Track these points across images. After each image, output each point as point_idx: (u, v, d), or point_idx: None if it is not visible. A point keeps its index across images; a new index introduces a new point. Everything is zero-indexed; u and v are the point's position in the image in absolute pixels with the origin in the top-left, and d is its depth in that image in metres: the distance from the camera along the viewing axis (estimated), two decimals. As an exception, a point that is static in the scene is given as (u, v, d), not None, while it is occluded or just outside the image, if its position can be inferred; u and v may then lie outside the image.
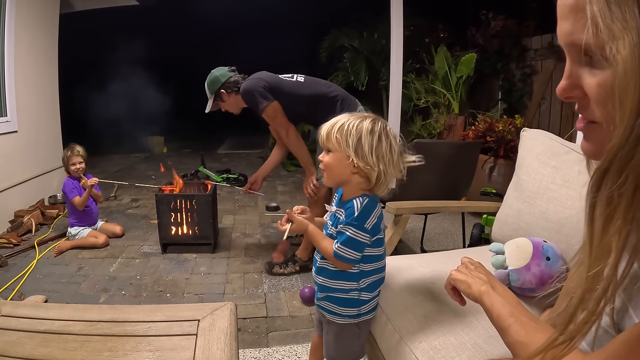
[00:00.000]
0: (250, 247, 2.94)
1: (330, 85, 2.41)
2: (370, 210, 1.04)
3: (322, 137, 1.06)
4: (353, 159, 1.01)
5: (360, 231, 1.02)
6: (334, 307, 1.14)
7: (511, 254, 1.24)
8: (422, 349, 1.02)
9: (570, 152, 1.35)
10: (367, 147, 1.00)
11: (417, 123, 5.29)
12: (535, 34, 4.30)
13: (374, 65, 6.00)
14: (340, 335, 1.17)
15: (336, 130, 1.03)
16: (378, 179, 1.03)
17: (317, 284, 1.17)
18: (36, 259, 2.62)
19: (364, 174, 1.03)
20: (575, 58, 0.43)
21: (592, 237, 0.43)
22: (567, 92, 0.45)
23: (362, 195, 1.05)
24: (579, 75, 0.43)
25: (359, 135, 1.00)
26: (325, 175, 1.08)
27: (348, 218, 1.03)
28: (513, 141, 3.36)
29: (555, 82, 4.05)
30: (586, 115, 0.45)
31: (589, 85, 0.42)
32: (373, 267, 1.11)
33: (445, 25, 5.67)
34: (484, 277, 0.82)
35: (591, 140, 0.46)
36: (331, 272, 1.11)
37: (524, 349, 0.66)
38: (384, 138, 1.01)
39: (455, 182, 2.62)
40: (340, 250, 1.03)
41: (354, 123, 1.02)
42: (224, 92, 2.37)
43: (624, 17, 0.36)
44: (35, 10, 3.70)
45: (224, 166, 5.64)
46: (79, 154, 2.89)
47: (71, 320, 0.85)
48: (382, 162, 1.01)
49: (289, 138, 2.35)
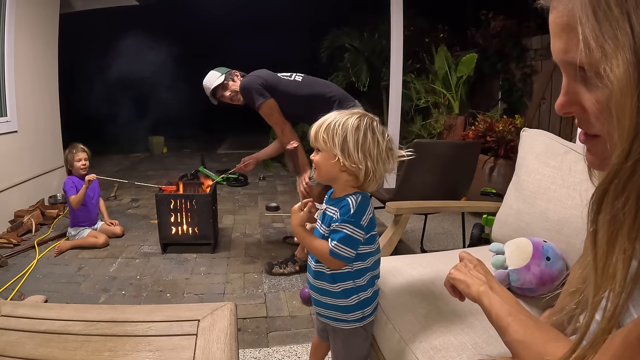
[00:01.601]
0: (250, 247, 2.94)
1: (328, 85, 2.41)
2: (364, 207, 1.05)
3: (311, 137, 1.06)
4: (339, 157, 1.01)
5: (357, 228, 1.03)
6: (337, 314, 1.12)
7: (511, 254, 1.24)
8: (422, 349, 1.02)
9: (570, 152, 1.35)
10: (353, 145, 1.00)
11: (417, 123, 5.29)
12: (536, 34, 4.30)
13: (375, 66, 6.00)
14: (349, 341, 1.16)
15: (323, 130, 1.03)
16: (366, 176, 1.03)
17: (316, 289, 1.14)
18: (36, 259, 2.62)
19: (352, 172, 1.03)
20: (571, 75, 0.43)
21: (596, 259, 0.42)
22: (565, 108, 0.44)
23: (355, 193, 1.05)
24: (576, 91, 0.43)
25: (344, 134, 1.00)
26: (316, 173, 1.09)
27: (344, 216, 1.03)
28: (513, 141, 3.36)
29: (555, 82, 4.05)
30: (587, 129, 0.44)
31: (587, 101, 0.41)
32: (368, 264, 1.10)
33: (445, 25, 5.67)
34: (482, 277, 0.82)
35: (595, 153, 0.45)
36: (329, 275, 1.10)
37: (523, 347, 0.66)
38: (369, 134, 1.01)
39: (455, 182, 2.62)
40: (336, 248, 1.02)
41: (339, 121, 1.02)
42: (230, 80, 2.41)
43: (615, 35, 0.35)
44: (35, 10, 3.70)
45: (224, 166, 5.64)
46: (83, 150, 2.89)
47: (71, 320, 0.85)
48: (369, 160, 1.01)
49: (284, 136, 2.35)
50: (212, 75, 2.43)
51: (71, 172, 2.91)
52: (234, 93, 2.41)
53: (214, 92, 2.42)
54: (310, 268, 1.16)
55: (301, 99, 2.29)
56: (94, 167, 5.58)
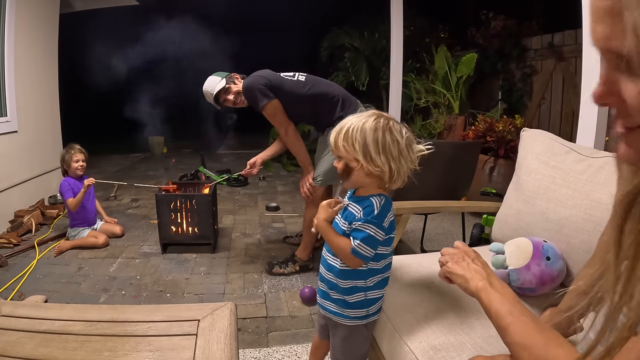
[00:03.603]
0: (250, 247, 2.94)
1: (331, 84, 2.40)
2: (387, 210, 1.06)
3: (332, 145, 1.07)
4: (363, 163, 1.01)
5: (379, 229, 1.04)
6: (341, 310, 1.13)
7: (511, 254, 1.24)
8: (422, 349, 1.02)
9: (571, 152, 1.35)
10: (374, 150, 1.00)
11: (417, 123, 5.29)
12: (536, 34, 4.30)
13: (375, 65, 6.01)
14: (349, 338, 1.16)
15: (342, 138, 1.03)
16: (392, 177, 1.04)
17: (326, 281, 1.15)
18: (36, 259, 2.62)
19: (376, 175, 1.04)
20: (611, 63, 0.39)
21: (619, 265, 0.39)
22: (603, 98, 0.41)
23: (379, 194, 1.06)
24: (616, 81, 0.39)
25: (364, 140, 1.00)
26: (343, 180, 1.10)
27: (368, 216, 1.04)
28: (513, 141, 3.36)
29: (555, 82, 4.05)
30: (627, 122, 0.41)
31: (629, 92, 0.38)
32: (381, 265, 1.11)
33: (445, 25, 5.67)
34: (482, 271, 0.81)
35: (634, 147, 0.42)
36: (341, 271, 1.10)
37: (523, 350, 0.65)
38: (388, 136, 1.01)
39: (455, 182, 2.62)
40: (359, 248, 1.03)
41: (357, 127, 1.01)
42: (231, 83, 2.39)
43: None
44: (35, 10, 3.70)
45: (224, 166, 5.64)
46: (80, 151, 2.89)
47: (71, 320, 0.85)
48: (392, 161, 1.02)
49: (288, 136, 2.34)
50: (212, 81, 2.39)
51: (67, 172, 2.90)
52: (237, 96, 2.38)
53: (217, 97, 2.38)
54: (324, 260, 1.16)
55: (305, 99, 2.28)
56: (94, 167, 5.60)
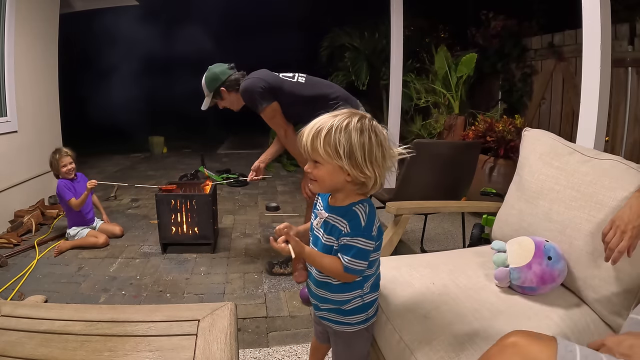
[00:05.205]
0: (250, 247, 2.93)
1: (331, 85, 2.38)
2: (373, 217, 1.01)
3: (307, 148, 0.96)
4: (347, 169, 0.94)
5: (368, 240, 0.99)
6: (341, 318, 1.10)
7: (513, 253, 1.24)
8: (422, 349, 1.02)
9: (575, 153, 1.35)
10: (361, 156, 0.93)
11: (417, 123, 5.29)
12: (536, 34, 4.30)
13: (375, 65, 6.01)
14: (352, 343, 1.14)
15: (322, 141, 0.93)
16: (376, 183, 0.98)
17: (317, 297, 1.11)
18: (36, 259, 2.62)
19: (359, 181, 0.97)
20: None
21: None
22: None
23: (360, 201, 1.00)
24: None
25: (350, 145, 0.92)
26: (315, 185, 1.01)
27: (356, 230, 0.98)
28: (513, 141, 3.36)
29: (555, 82, 4.04)
30: None
31: None
32: (374, 270, 1.09)
33: (445, 25, 5.67)
34: None
35: None
36: (335, 286, 1.06)
37: None
38: (373, 138, 0.94)
39: (455, 182, 2.62)
40: (351, 264, 0.98)
41: (340, 128, 0.93)
42: (224, 90, 2.35)
43: None
44: (35, 10, 3.70)
45: (224, 166, 5.63)
46: (67, 154, 2.90)
47: (71, 320, 0.85)
48: (376, 166, 0.95)
49: (287, 139, 2.33)
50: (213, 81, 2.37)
51: (59, 176, 2.91)
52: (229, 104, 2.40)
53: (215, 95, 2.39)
54: (312, 276, 1.12)
55: (304, 101, 2.24)
56: (94, 167, 5.61)
